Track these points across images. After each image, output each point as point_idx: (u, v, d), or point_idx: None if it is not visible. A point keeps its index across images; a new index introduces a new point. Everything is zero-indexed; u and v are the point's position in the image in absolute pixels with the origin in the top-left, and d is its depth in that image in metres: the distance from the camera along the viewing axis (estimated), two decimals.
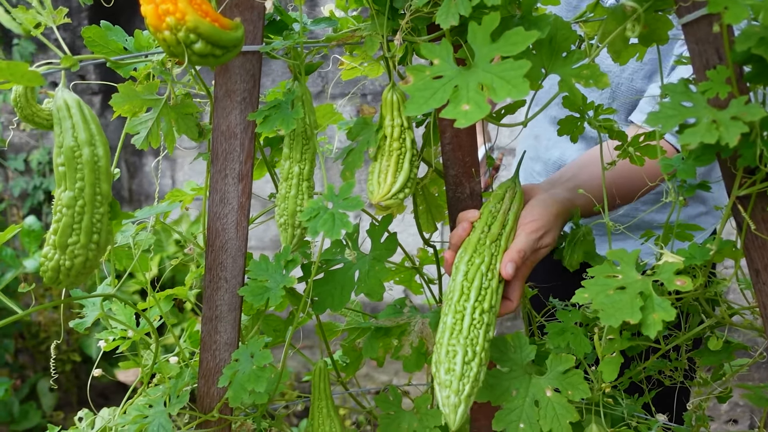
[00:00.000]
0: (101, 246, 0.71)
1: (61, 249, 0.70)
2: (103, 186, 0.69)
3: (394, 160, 0.82)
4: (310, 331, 1.86)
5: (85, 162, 0.68)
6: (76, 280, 0.73)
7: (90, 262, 0.71)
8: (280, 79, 2.79)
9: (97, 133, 0.69)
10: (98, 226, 0.70)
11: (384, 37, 0.81)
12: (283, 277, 0.84)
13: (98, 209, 0.70)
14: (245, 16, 0.78)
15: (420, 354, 1.03)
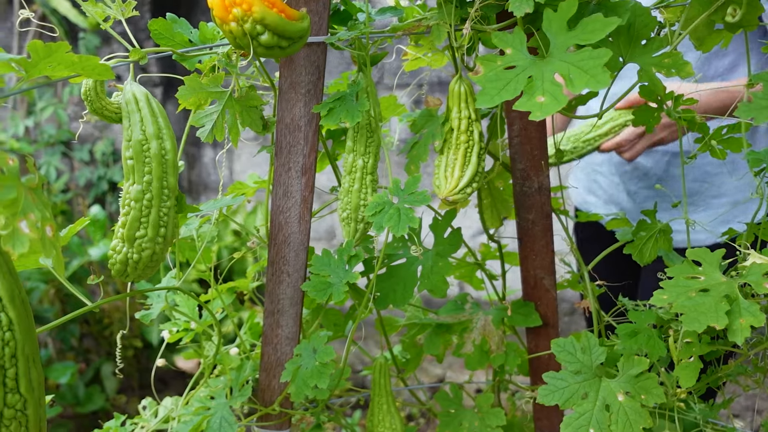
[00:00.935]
0: (168, 239, 0.71)
1: (129, 242, 0.70)
2: (170, 179, 0.69)
3: (462, 153, 0.79)
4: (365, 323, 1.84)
5: (153, 155, 0.67)
6: (143, 273, 0.73)
7: (157, 255, 0.71)
8: (334, 71, 2.79)
9: (165, 127, 0.68)
10: (165, 220, 0.70)
11: (451, 26, 0.78)
12: (346, 272, 0.82)
13: (165, 203, 0.69)
14: (311, 6, 0.76)
15: (483, 352, 1.00)
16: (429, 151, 0.84)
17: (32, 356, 0.57)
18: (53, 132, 3.47)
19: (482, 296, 1.27)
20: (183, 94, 0.74)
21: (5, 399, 0.55)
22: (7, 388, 0.56)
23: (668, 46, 0.74)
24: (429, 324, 1.08)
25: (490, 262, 1.15)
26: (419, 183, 0.76)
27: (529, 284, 0.99)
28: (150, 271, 0.74)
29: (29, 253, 0.59)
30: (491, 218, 0.99)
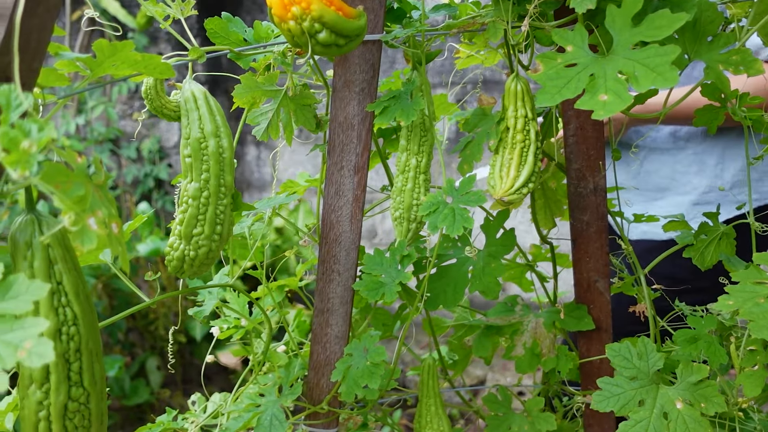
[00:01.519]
0: (224, 237, 0.72)
1: (186, 239, 0.70)
2: (227, 177, 0.69)
3: (518, 153, 0.78)
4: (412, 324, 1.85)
5: (210, 153, 0.68)
6: (198, 270, 0.74)
7: (213, 252, 0.72)
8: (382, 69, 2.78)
9: (222, 125, 0.69)
10: (221, 218, 0.70)
11: (508, 23, 0.77)
12: (399, 272, 0.81)
13: (222, 201, 0.70)
14: (367, 4, 0.76)
15: (534, 355, 0.99)
16: (483, 150, 0.83)
17: (95, 351, 0.58)
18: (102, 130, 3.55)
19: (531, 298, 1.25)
20: (239, 92, 0.74)
21: (70, 392, 0.56)
22: (71, 382, 0.57)
23: (736, 43, 0.71)
24: (477, 325, 1.07)
25: (541, 263, 1.13)
26: (474, 183, 0.75)
27: (582, 287, 0.97)
28: (205, 268, 0.74)
29: (92, 249, 0.59)
30: (544, 219, 0.97)
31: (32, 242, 0.55)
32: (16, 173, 0.41)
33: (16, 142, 0.41)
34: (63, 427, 0.57)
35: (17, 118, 0.43)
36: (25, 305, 0.46)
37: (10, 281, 0.47)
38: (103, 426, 0.60)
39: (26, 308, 0.46)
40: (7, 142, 0.41)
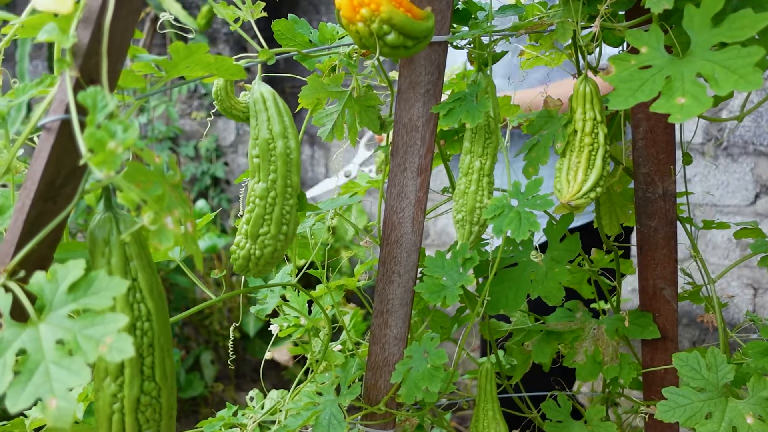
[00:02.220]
0: (289, 237, 0.72)
1: (252, 239, 0.71)
2: (293, 178, 0.70)
3: (585, 156, 0.76)
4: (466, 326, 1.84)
5: (278, 154, 0.69)
6: (263, 269, 0.75)
7: (278, 252, 0.73)
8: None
9: (290, 126, 0.70)
10: (287, 218, 0.71)
11: (578, 23, 0.75)
12: (461, 275, 0.81)
13: (288, 201, 0.70)
14: (434, 5, 0.75)
15: (595, 363, 0.97)
16: (549, 153, 0.81)
17: (167, 347, 0.60)
18: (163, 128, 3.65)
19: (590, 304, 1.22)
20: (306, 93, 0.75)
21: (142, 386, 0.58)
22: (144, 376, 0.58)
23: None
24: (536, 330, 1.05)
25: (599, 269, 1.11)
26: (541, 186, 0.74)
27: (647, 294, 0.94)
28: (269, 267, 0.75)
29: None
30: (609, 224, 0.95)
31: (110, 239, 0.56)
32: (101, 173, 0.42)
33: (103, 143, 0.42)
34: (135, 420, 0.58)
35: (103, 119, 0.44)
36: (106, 301, 0.48)
37: (92, 277, 0.49)
38: (172, 420, 0.62)
39: (107, 304, 0.48)
40: (94, 142, 0.42)
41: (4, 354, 0.45)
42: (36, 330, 0.46)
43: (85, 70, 0.49)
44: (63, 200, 0.53)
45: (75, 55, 0.48)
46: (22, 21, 0.50)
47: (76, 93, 0.48)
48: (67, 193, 0.54)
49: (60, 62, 0.47)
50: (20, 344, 0.45)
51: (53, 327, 0.46)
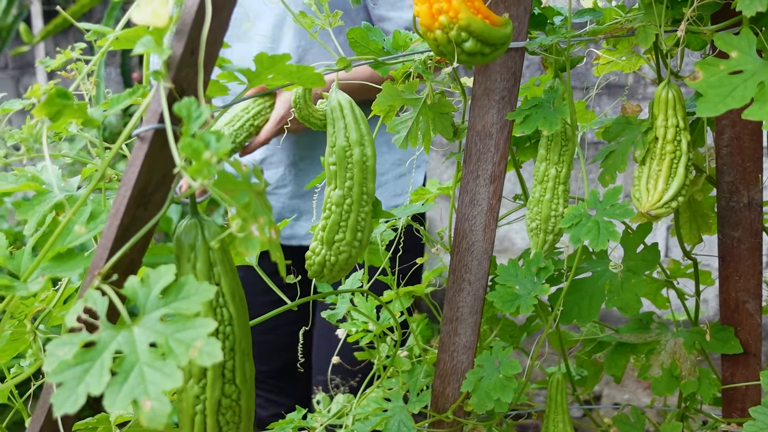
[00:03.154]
0: (363, 244, 0.73)
1: (327, 245, 0.72)
2: (369, 185, 0.70)
3: (667, 164, 0.74)
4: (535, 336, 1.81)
5: (355, 161, 0.69)
6: (337, 275, 0.75)
7: (352, 258, 0.73)
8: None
9: (366, 134, 0.70)
10: (362, 225, 0.71)
11: (661, 27, 0.73)
12: (535, 284, 0.80)
13: (363, 208, 0.71)
14: (512, 11, 0.75)
15: (672, 377, 0.93)
16: (628, 160, 0.79)
17: (246, 350, 0.61)
18: None
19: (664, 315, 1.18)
20: (380, 100, 0.75)
21: (224, 389, 0.59)
22: (225, 379, 0.59)
23: None
24: (608, 342, 1.02)
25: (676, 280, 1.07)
26: (620, 194, 0.72)
27: (729, 307, 0.90)
28: (343, 274, 0.76)
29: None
30: (689, 234, 0.92)
31: (195, 245, 0.58)
32: (197, 182, 0.43)
33: (199, 152, 0.43)
34: (216, 422, 0.60)
35: (197, 128, 0.46)
36: (195, 306, 0.49)
37: (182, 283, 0.50)
38: (251, 422, 0.63)
39: (196, 309, 0.49)
40: (191, 152, 0.43)
41: (102, 355, 0.46)
42: (130, 332, 0.48)
43: (178, 81, 0.50)
44: (153, 207, 0.55)
45: (169, 66, 0.49)
46: (117, 34, 0.52)
47: (170, 103, 0.49)
48: (157, 200, 0.56)
49: (155, 74, 0.48)
50: (116, 346, 0.47)
51: (146, 330, 0.48)
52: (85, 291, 0.54)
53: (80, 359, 0.46)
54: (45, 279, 0.53)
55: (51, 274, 0.53)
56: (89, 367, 0.46)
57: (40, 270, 0.53)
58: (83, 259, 0.55)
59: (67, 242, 0.55)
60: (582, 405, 1.07)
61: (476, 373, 0.83)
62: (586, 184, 0.76)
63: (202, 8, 0.49)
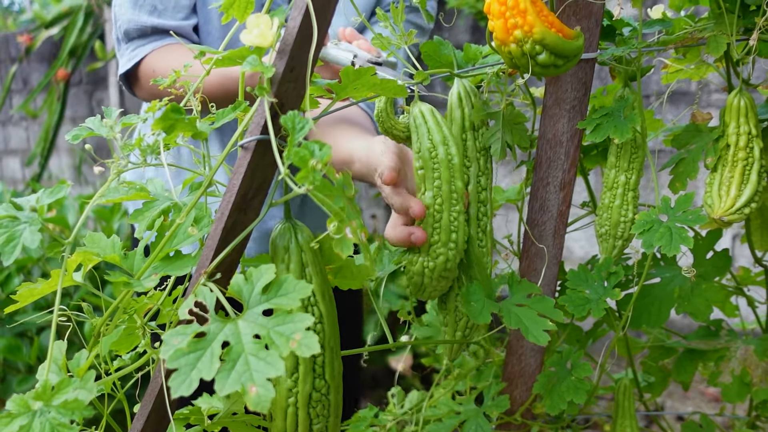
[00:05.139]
0: (459, 246, 0.75)
1: (423, 250, 0.75)
2: (457, 183, 0.73)
3: (739, 171, 0.75)
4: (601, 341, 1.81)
5: (440, 160, 0.72)
6: (438, 285, 0.77)
7: (450, 263, 0.75)
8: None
9: (449, 135, 0.73)
10: (455, 225, 0.74)
11: (732, 36, 0.75)
12: (605, 289, 0.81)
13: (455, 206, 0.74)
14: (583, 24, 0.77)
15: (743, 384, 0.93)
16: (699, 167, 0.80)
17: (335, 348, 0.65)
18: None
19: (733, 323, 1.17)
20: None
21: (314, 383, 0.63)
22: (315, 374, 0.63)
23: None
24: (675, 348, 1.03)
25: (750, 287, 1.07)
26: (692, 201, 0.73)
27: None
28: (444, 284, 0.77)
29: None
30: (760, 240, 0.92)
31: (289, 247, 0.62)
32: (302, 187, 0.48)
33: (305, 160, 0.47)
34: (307, 414, 0.64)
35: (301, 138, 0.50)
36: (294, 302, 0.53)
37: (281, 280, 0.54)
38: (338, 418, 0.67)
39: (295, 305, 0.53)
40: (298, 160, 0.47)
41: (212, 345, 0.51)
42: (236, 325, 0.52)
43: (279, 96, 0.55)
44: (252, 212, 0.60)
45: (272, 82, 0.54)
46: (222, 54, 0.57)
47: (272, 116, 0.54)
48: (255, 205, 0.60)
49: (260, 89, 0.53)
50: (223, 337, 0.52)
51: (250, 323, 0.52)
52: (192, 288, 0.59)
53: (193, 348, 0.51)
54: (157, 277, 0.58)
55: (162, 272, 0.59)
56: (201, 354, 0.50)
57: (152, 269, 0.59)
58: (190, 259, 0.60)
59: (174, 244, 0.60)
60: (649, 411, 1.07)
61: (547, 375, 0.85)
62: (657, 190, 0.77)
63: (302, 30, 0.53)
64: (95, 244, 0.62)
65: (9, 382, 2.00)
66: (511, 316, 0.73)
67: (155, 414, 0.62)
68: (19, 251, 0.55)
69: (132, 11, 1.14)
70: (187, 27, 1.15)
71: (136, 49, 1.15)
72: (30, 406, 0.53)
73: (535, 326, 0.72)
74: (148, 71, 1.14)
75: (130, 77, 1.18)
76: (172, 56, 1.13)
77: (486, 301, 0.74)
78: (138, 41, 1.15)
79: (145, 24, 1.13)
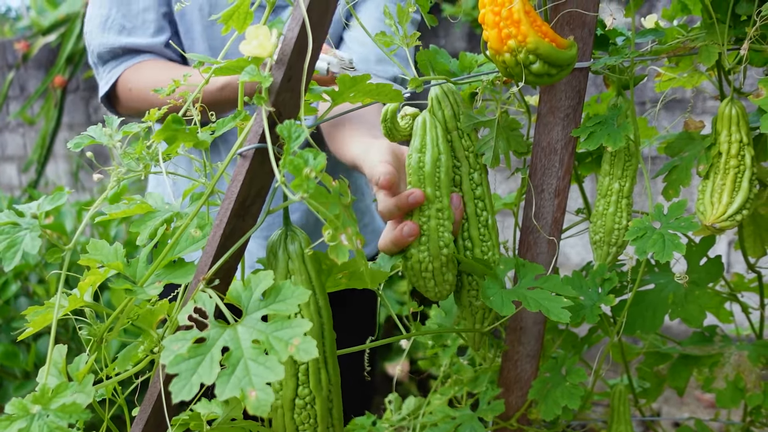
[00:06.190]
0: (431, 249, 0.76)
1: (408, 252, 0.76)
2: (427, 190, 0.74)
3: (731, 178, 0.76)
4: (595, 347, 1.82)
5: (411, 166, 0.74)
6: (436, 283, 0.78)
7: (425, 264, 0.77)
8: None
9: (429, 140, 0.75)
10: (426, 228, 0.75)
11: (724, 46, 0.76)
12: (600, 295, 0.82)
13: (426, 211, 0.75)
14: (576, 33, 0.78)
15: (737, 389, 0.94)
16: (691, 175, 0.81)
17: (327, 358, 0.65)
18: None
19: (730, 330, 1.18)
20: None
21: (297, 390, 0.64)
22: (299, 381, 0.64)
23: None
24: (670, 354, 1.04)
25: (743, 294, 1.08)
26: (685, 208, 0.74)
27: None
28: (441, 280, 0.78)
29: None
30: (753, 247, 0.93)
31: (277, 253, 0.63)
32: (297, 195, 0.49)
33: (299, 168, 0.48)
34: (292, 419, 0.64)
35: (297, 147, 0.51)
36: (293, 308, 0.54)
37: (279, 287, 0.55)
38: (334, 428, 0.67)
39: (294, 310, 0.54)
40: (292, 168, 0.48)
41: (211, 350, 0.52)
42: (235, 331, 0.53)
43: (277, 105, 0.56)
44: (250, 218, 0.61)
45: (270, 92, 0.55)
46: (221, 64, 0.58)
47: (270, 125, 0.55)
48: (253, 212, 0.61)
49: (258, 98, 0.54)
50: (223, 342, 0.52)
51: (249, 329, 0.53)
52: (191, 294, 0.60)
53: (193, 353, 0.51)
54: (161, 285, 0.59)
55: (165, 280, 0.59)
56: (201, 360, 0.51)
57: (155, 276, 0.60)
58: (192, 267, 0.61)
59: (176, 251, 0.61)
60: (645, 417, 1.08)
61: (543, 380, 0.86)
62: (650, 197, 0.78)
63: (299, 41, 0.54)
64: (98, 252, 0.63)
65: (6, 388, 2.00)
66: (528, 300, 0.74)
67: (154, 418, 0.63)
68: (20, 257, 0.56)
69: (101, 34, 1.17)
70: (158, 44, 1.17)
71: (111, 71, 1.18)
72: (28, 410, 0.53)
73: (553, 306, 0.73)
74: (125, 90, 1.17)
75: (111, 98, 1.21)
76: (146, 72, 1.15)
77: (503, 293, 0.75)
78: (112, 62, 1.18)
79: (114, 45, 1.16)
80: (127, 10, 1.15)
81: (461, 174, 0.79)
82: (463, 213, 0.79)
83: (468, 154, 0.79)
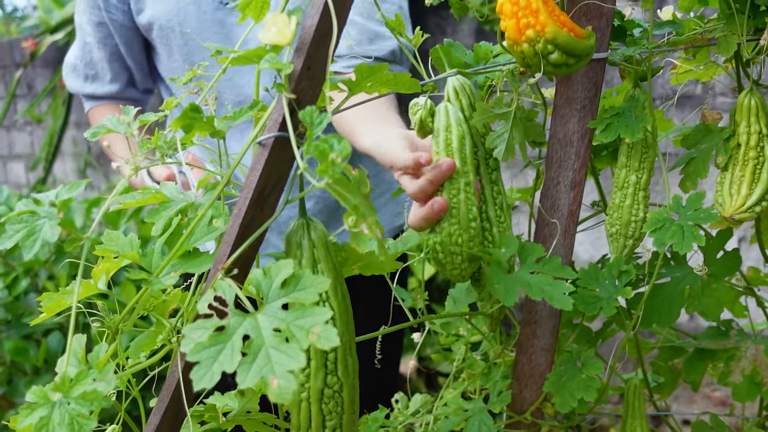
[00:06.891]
0: (461, 222, 0.76)
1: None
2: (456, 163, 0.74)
3: (750, 170, 0.75)
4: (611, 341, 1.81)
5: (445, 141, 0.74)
6: (454, 262, 0.78)
7: (454, 237, 0.76)
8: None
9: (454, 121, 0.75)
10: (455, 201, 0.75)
11: (743, 36, 0.75)
12: (616, 287, 0.82)
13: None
14: (594, 24, 0.78)
15: (753, 383, 0.94)
16: (709, 167, 0.81)
17: (349, 345, 0.65)
18: None
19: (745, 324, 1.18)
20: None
21: (326, 379, 0.63)
22: (327, 370, 0.64)
23: None
24: (684, 348, 1.03)
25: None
26: (703, 200, 0.74)
27: None
28: (458, 259, 0.78)
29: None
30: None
31: (301, 243, 0.63)
32: (322, 181, 0.48)
33: (325, 154, 0.48)
34: (320, 410, 0.64)
35: (320, 133, 0.51)
36: (312, 296, 0.54)
37: (299, 275, 0.55)
38: (354, 414, 0.67)
39: (313, 299, 0.54)
40: (318, 153, 0.48)
41: (232, 338, 0.51)
42: (255, 319, 0.53)
43: (296, 93, 0.55)
44: (268, 208, 0.61)
45: (289, 80, 0.55)
46: (239, 54, 0.58)
47: (290, 113, 0.54)
48: (272, 201, 0.61)
49: (278, 86, 0.54)
50: (244, 330, 0.52)
51: (269, 317, 0.53)
52: (210, 283, 0.60)
53: (214, 341, 0.51)
54: (176, 274, 0.59)
55: (181, 270, 0.59)
56: (222, 348, 0.51)
57: (171, 267, 0.60)
58: (208, 257, 0.60)
59: (192, 241, 0.61)
60: (659, 411, 1.07)
61: (558, 373, 0.85)
62: (668, 189, 0.78)
63: (319, 29, 0.54)
64: (113, 242, 0.63)
65: (16, 384, 2.00)
66: (532, 288, 0.74)
67: (172, 409, 0.63)
68: (39, 245, 0.56)
69: (72, 78, 1.45)
70: (113, 91, 1.42)
71: (84, 102, 1.48)
72: (49, 398, 0.53)
73: (555, 291, 0.73)
74: (91, 122, 1.47)
75: None
76: (98, 116, 1.44)
77: (507, 280, 0.75)
78: (83, 98, 1.48)
79: (79, 91, 1.45)
80: (89, 59, 1.40)
81: (478, 158, 0.80)
82: (481, 195, 0.80)
83: (484, 140, 0.80)
